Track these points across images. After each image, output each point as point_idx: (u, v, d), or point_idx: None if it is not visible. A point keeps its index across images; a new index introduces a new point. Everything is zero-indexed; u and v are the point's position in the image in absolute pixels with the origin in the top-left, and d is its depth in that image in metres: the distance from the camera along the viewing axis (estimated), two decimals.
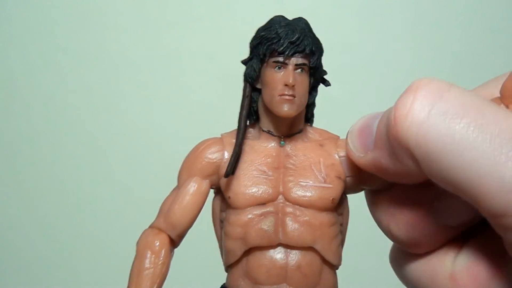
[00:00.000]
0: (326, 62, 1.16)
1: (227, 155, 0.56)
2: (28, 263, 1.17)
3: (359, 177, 0.56)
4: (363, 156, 0.50)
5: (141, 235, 0.57)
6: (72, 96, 1.18)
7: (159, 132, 1.12)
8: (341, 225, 0.58)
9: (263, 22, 0.57)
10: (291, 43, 0.54)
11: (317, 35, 0.56)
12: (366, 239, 1.12)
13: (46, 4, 1.19)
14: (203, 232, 0.62)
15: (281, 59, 0.54)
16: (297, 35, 0.54)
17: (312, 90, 0.57)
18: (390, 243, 0.59)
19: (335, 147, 0.57)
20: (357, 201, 0.62)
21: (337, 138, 0.58)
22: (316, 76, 0.56)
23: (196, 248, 0.86)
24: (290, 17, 0.55)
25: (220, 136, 0.58)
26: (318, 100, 1.19)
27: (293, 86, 0.53)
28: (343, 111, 1.14)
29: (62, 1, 1.19)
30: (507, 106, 0.47)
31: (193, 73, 1.04)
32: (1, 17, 1.20)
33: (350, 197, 0.60)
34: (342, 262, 0.58)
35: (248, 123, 0.58)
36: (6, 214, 1.18)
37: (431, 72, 1.15)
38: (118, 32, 1.18)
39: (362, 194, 0.63)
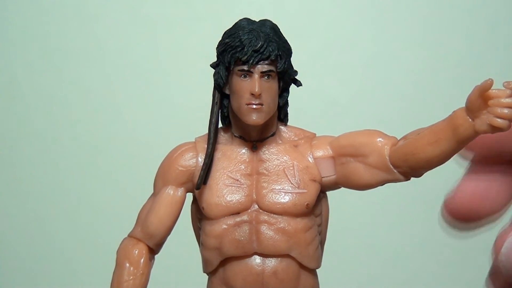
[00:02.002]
0: (326, 62, 1.15)
1: (200, 160, 0.55)
2: (27, 263, 1.19)
3: (335, 178, 0.55)
4: None
5: (120, 245, 0.57)
6: (72, 95, 1.18)
7: (159, 132, 1.12)
8: (319, 225, 0.57)
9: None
10: (255, 51, 0.52)
11: (317, 36, 0.54)
12: (348, 240, 1.13)
13: (46, 4, 1.17)
14: (184, 236, 0.62)
15: (246, 67, 0.52)
16: (260, 43, 0.52)
17: (283, 92, 0.56)
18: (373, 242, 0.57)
19: (309, 148, 0.56)
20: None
21: (312, 137, 0.57)
22: (286, 78, 0.55)
23: (177, 252, 0.87)
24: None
25: (194, 141, 0.57)
26: (317, 100, 1.18)
27: (259, 94, 0.52)
28: (343, 111, 1.13)
29: (62, 1, 1.18)
30: (472, 119, 0.46)
31: (192, 73, 1.03)
32: (1, 17, 1.18)
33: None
34: (324, 263, 0.58)
35: (220, 126, 0.57)
36: (6, 214, 1.20)
37: (431, 72, 1.13)
38: (118, 32, 1.16)
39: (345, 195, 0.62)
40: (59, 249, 1.19)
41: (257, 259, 0.54)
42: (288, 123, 0.58)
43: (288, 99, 0.57)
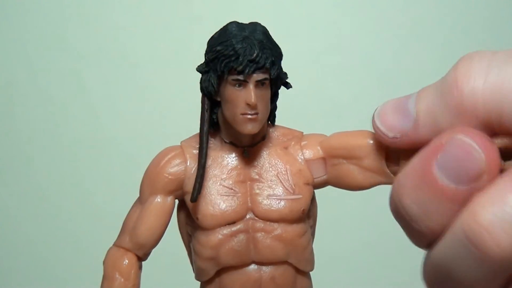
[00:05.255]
0: (327, 62, 1.14)
1: (190, 167, 0.54)
2: (26, 263, 1.20)
3: (326, 178, 0.55)
4: (400, 138, 0.44)
5: (107, 255, 0.55)
6: (68, 95, 1.17)
7: (160, 132, 1.11)
8: (311, 227, 0.57)
9: (263, 22, 0.53)
10: (250, 61, 0.50)
11: (317, 35, 0.53)
12: (341, 239, 1.12)
13: (45, 3, 1.17)
14: (173, 241, 0.61)
15: (241, 77, 0.50)
16: (256, 52, 0.50)
17: (273, 96, 0.54)
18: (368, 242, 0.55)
19: (299, 149, 0.54)
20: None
21: (300, 136, 0.56)
22: (278, 83, 0.53)
23: (168, 258, 0.86)
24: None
25: (180, 145, 0.55)
26: (317, 100, 1.17)
27: (255, 104, 0.50)
28: (342, 111, 1.12)
29: (61, 1, 1.17)
30: None
31: (192, 73, 1.03)
32: (1, 17, 1.18)
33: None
34: (317, 264, 0.57)
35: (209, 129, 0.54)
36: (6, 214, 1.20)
37: (431, 71, 1.12)
38: (118, 32, 1.15)
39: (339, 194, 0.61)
40: (46, 257, 1.19)
41: (254, 267, 0.53)
42: (284, 123, 0.57)
43: (283, 100, 0.56)
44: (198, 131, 0.54)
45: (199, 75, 0.54)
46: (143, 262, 0.57)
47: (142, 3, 1.15)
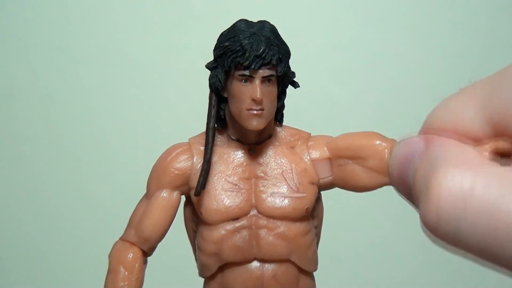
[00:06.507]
0: (326, 61, 1.15)
1: (196, 163, 0.54)
2: (20, 264, 1.19)
3: (332, 179, 0.55)
4: None
5: (112, 249, 0.56)
6: (69, 95, 1.16)
7: (160, 132, 1.10)
8: (315, 227, 0.57)
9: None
10: (257, 56, 0.50)
11: (316, 35, 0.53)
12: (344, 241, 1.12)
13: (46, 3, 1.17)
14: (178, 238, 0.61)
15: (247, 73, 0.51)
16: (262, 48, 0.50)
17: (281, 94, 0.54)
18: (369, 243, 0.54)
19: (306, 149, 0.55)
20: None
21: (308, 137, 0.56)
22: (285, 81, 0.53)
23: (171, 254, 0.86)
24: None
25: (188, 141, 0.56)
26: (317, 100, 1.17)
27: (261, 100, 0.51)
28: (343, 111, 1.12)
29: (62, 1, 1.17)
30: None
31: (192, 73, 1.03)
32: (1, 17, 1.18)
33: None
34: (320, 264, 0.57)
35: (216, 127, 0.55)
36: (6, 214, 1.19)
37: (430, 72, 1.12)
38: (118, 32, 1.15)
39: (340, 195, 0.61)
40: (47, 254, 1.19)
41: (257, 264, 0.53)
42: (286, 123, 0.57)
43: (285, 100, 0.56)
44: (200, 130, 0.55)
45: (199, 75, 0.54)
46: (148, 259, 0.57)
47: (142, 3, 1.15)
